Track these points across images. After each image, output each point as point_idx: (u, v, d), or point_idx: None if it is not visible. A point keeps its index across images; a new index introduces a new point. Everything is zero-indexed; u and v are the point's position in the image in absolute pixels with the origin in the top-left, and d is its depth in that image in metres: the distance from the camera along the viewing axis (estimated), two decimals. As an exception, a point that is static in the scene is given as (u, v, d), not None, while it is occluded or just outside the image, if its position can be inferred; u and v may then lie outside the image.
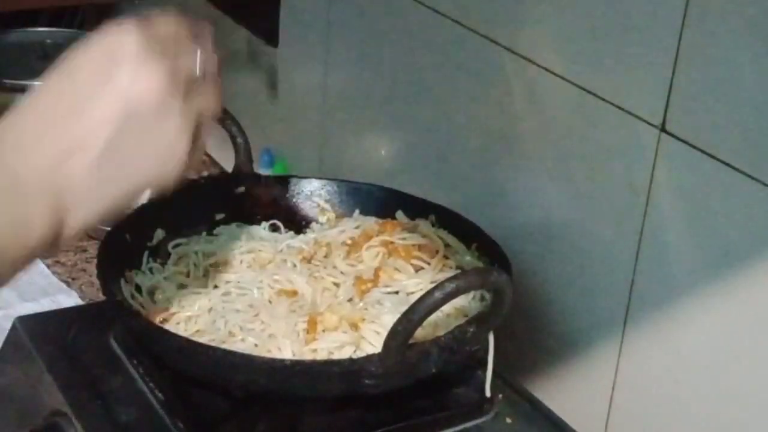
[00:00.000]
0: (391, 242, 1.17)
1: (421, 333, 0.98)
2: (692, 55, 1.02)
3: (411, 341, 0.96)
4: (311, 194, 1.28)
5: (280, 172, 1.63)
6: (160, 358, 1.07)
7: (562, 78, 1.17)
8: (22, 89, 1.75)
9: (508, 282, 0.98)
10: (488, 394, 1.09)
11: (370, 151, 1.52)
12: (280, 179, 1.30)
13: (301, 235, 1.24)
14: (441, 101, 1.35)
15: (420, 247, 1.17)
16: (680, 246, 1.07)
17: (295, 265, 1.16)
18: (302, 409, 1.06)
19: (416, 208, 1.23)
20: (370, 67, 1.48)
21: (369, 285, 1.12)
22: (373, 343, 1.03)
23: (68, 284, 1.50)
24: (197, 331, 1.08)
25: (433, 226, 1.21)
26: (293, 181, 1.29)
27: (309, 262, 1.17)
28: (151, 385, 1.09)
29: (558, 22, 1.17)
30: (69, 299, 1.45)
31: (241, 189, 1.26)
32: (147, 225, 1.19)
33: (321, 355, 1.03)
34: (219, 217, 1.25)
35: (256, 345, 1.04)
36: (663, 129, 1.06)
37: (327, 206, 1.28)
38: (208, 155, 1.84)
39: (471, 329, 1.01)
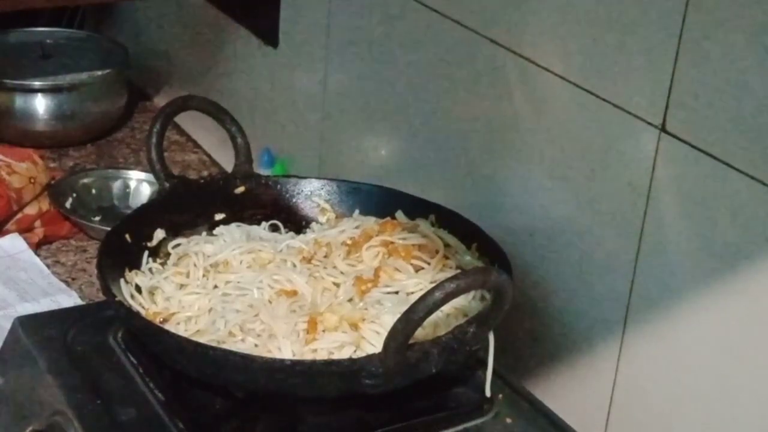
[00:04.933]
0: (391, 242, 1.17)
1: (421, 333, 0.98)
2: (692, 55, 1.02)
3: (411, 341, 0.96)
4: (311, 194, 1.28)
5: (280, 172, 1.63)
6: (160, 358, 1.07)
7: (562, 78, 1.16)
8: (22, 89, 1.76)
9: (508, 282, 0.98)
10: (488, 394, 1.09)
11: (370, 151, 1.52)
12: (280, 179, 1.29)
13: (301, 235, 1.24)
14: (441, 101, 1.35)
15: (420, 247, 1.17)
16: (680, 246, 1.07)
17: (295, 265, 1.16)
18: (302, 409, 1.06)
19: (416, 208, 1.23)
20: (369, 67, 1.48)
21: (369, 285, 1.12)
22: (373, 343, 1.03)
23: (68, 284, 1.50)
24: (197, 331, 1.08)
25: (433, 226, 1.21)
26: (293, 181, 1.29)
27: (309, 262, 1.17)
28: (151, 385, 1.09)
29: (558, 22, 1.17)
30: (69, 299, 1.45)
31: (241, 189, 1.26)
32: (147, 225, 1.20)
33: (321, 355, 1.03)
34: (219, 217, 1.25)
35: (256, 345, 1.04)
36: (663, 129, 1.06)
37: (327, 206, 1.28)
38: (208, 155, 1.84)
39: (471, 329, 1.01)
